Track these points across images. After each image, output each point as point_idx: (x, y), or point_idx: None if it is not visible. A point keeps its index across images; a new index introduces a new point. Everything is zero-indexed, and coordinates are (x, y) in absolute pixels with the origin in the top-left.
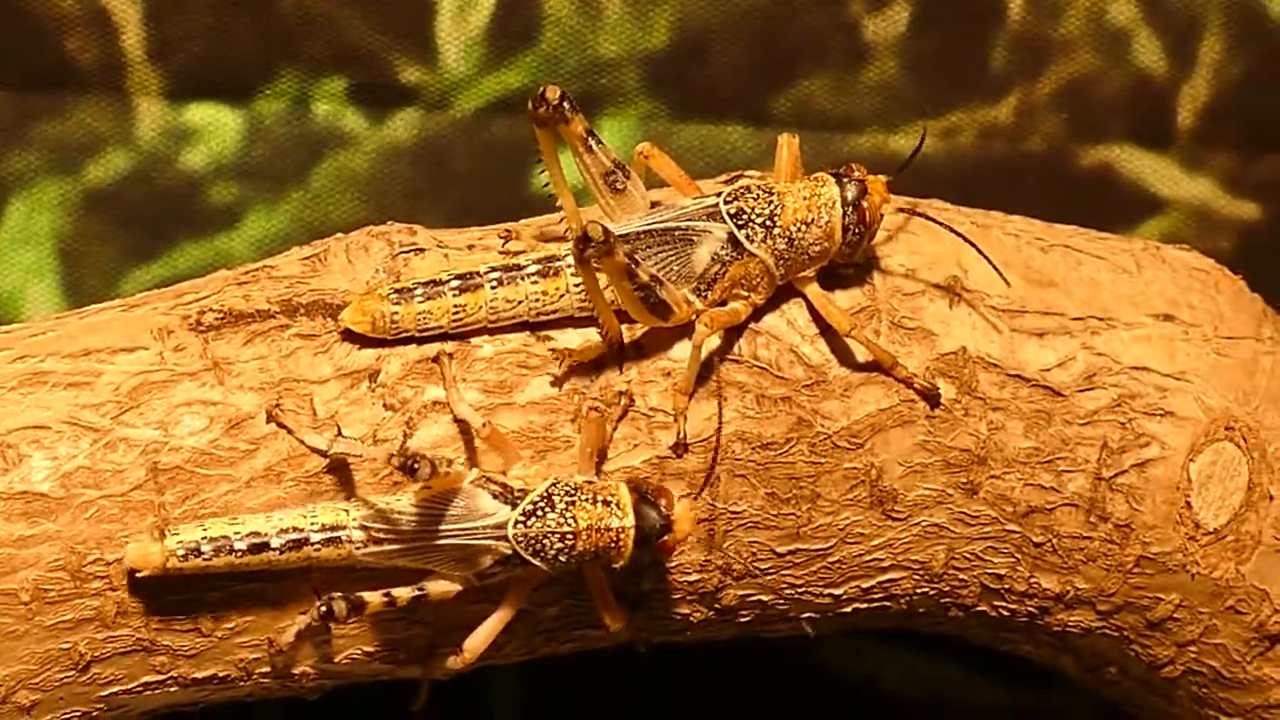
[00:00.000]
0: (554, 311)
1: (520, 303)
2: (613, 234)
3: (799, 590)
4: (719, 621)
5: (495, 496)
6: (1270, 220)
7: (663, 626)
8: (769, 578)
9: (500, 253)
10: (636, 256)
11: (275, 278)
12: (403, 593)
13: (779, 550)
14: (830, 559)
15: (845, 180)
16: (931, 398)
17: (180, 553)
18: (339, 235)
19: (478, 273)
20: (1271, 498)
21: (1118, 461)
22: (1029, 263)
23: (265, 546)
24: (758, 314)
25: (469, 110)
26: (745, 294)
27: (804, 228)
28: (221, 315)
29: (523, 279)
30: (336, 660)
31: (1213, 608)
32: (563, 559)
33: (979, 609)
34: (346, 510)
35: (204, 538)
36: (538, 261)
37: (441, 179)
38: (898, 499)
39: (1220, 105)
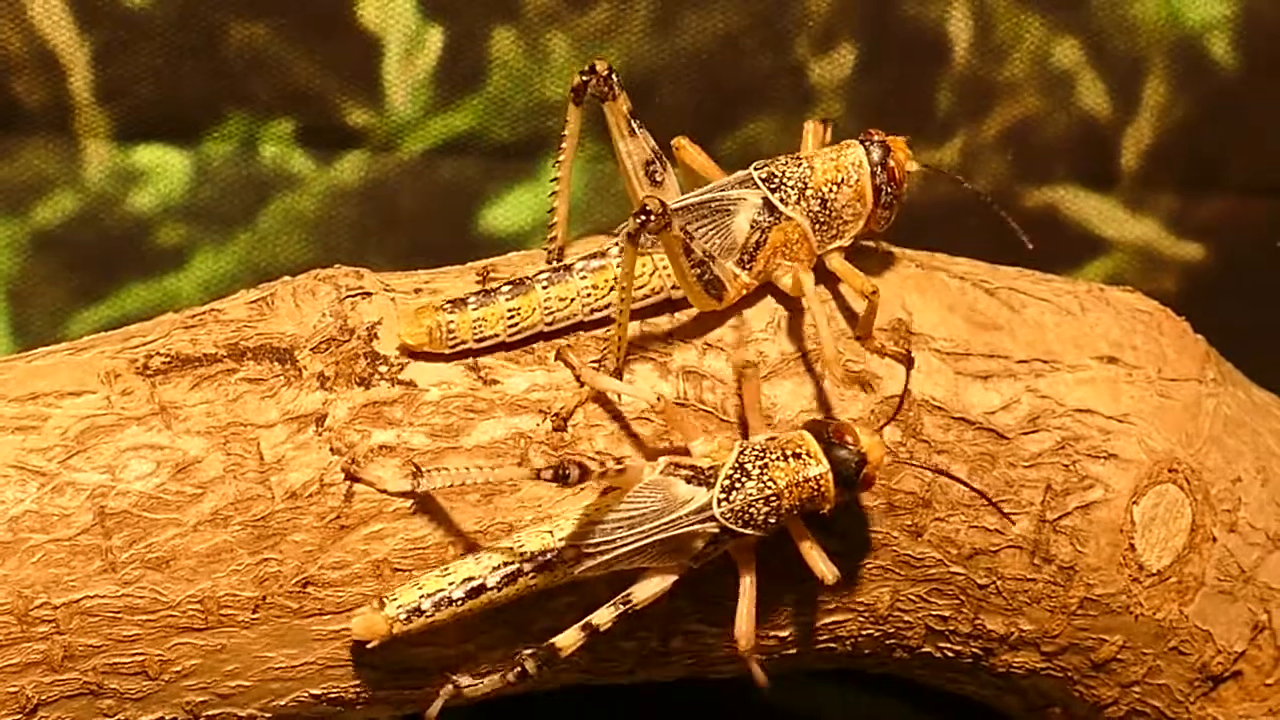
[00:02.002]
0: (605, 307)
1: (573, 300)
2: (670, 207)
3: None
4: (664, 664)
5: (689, 481)
6: (1214, 261)
7: (609, 667)
8: (718, 619)
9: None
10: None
11: (222, 321)
12: (604, 616)
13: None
14: (776, 601)
15: (868, 143)
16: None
17: (402, 616)
18: (286, 279)
19: (528, 277)
20: (1214, 539)
21: (1062, 504)
22: (974, 305)
23: (482, 589)
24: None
25: (416, 152)
26: (789, 265)
27: (835, 188)
28: (168, 359)
29: (572, 276)
30: None
31: (1156, 649)
32: (772, 520)
33: (924, 650)
34: (550, 533)
35: (421, 596)
36: (584, 258)
37: (389, 220)
38: (843, 541)
39: (1164, 147)
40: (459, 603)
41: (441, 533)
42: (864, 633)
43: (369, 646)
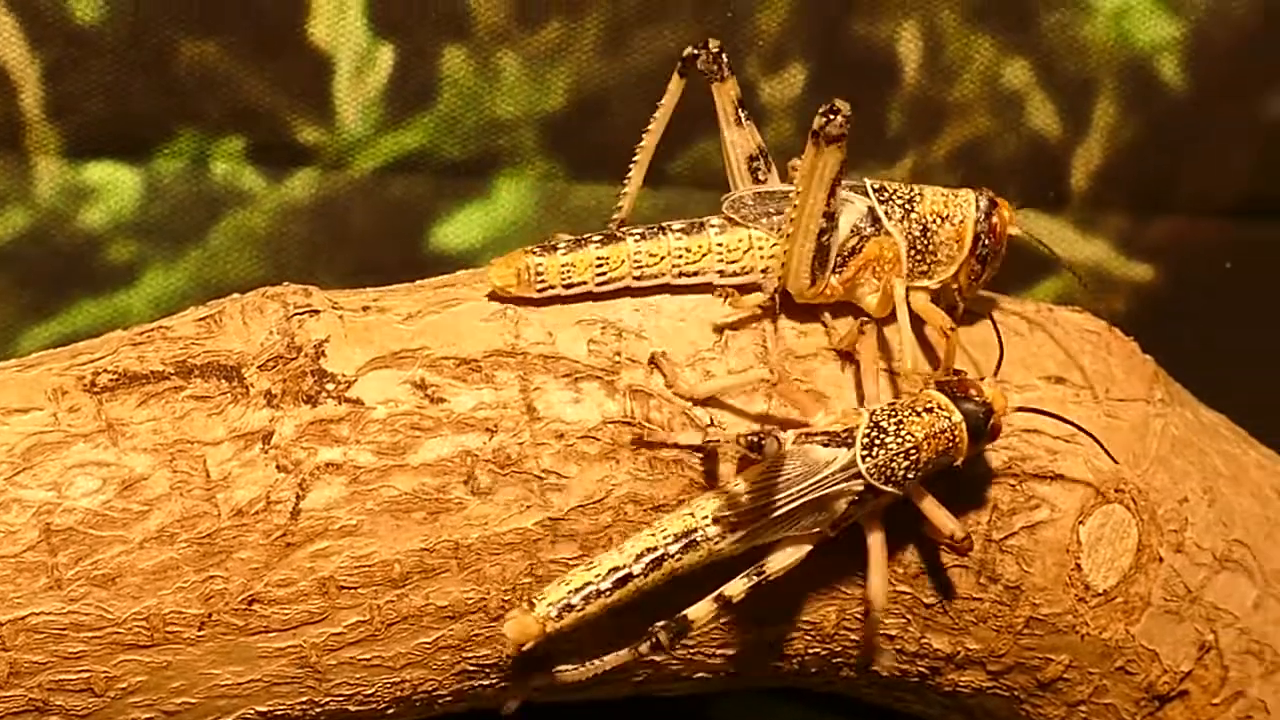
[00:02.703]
0: (695, 273)
1: (663, 258)
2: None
3: (692, 651)
4: (614, 681)
5: (826, 445)
6: (1163, 282)
7: (559, 686)
8: None
9: None
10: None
11: (170, 338)
12: (737, 587)
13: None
14: (721, 620)
15: (979, 194)
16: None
17: (554, 614)
18: (235, 296)
19: (621, 232)
20: (1161, 559)
21: (1008, 523)
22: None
23: (629, 577)
24: None
25: (367, 170)
26: (875, 284)
27: (939, 221)
28: (116, 376)
29: (666, 234)
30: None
31: (1102, 668)
32: (910, 475)
33: (871, 668)
34: (692, 514)
35: (570, 591)
36: (683, 221)
37: (339, 238)
38: None
39: (1113, 167)
40: (607, 593)
41: (388, 550)
42: (810, 651)
43: (524, 649)
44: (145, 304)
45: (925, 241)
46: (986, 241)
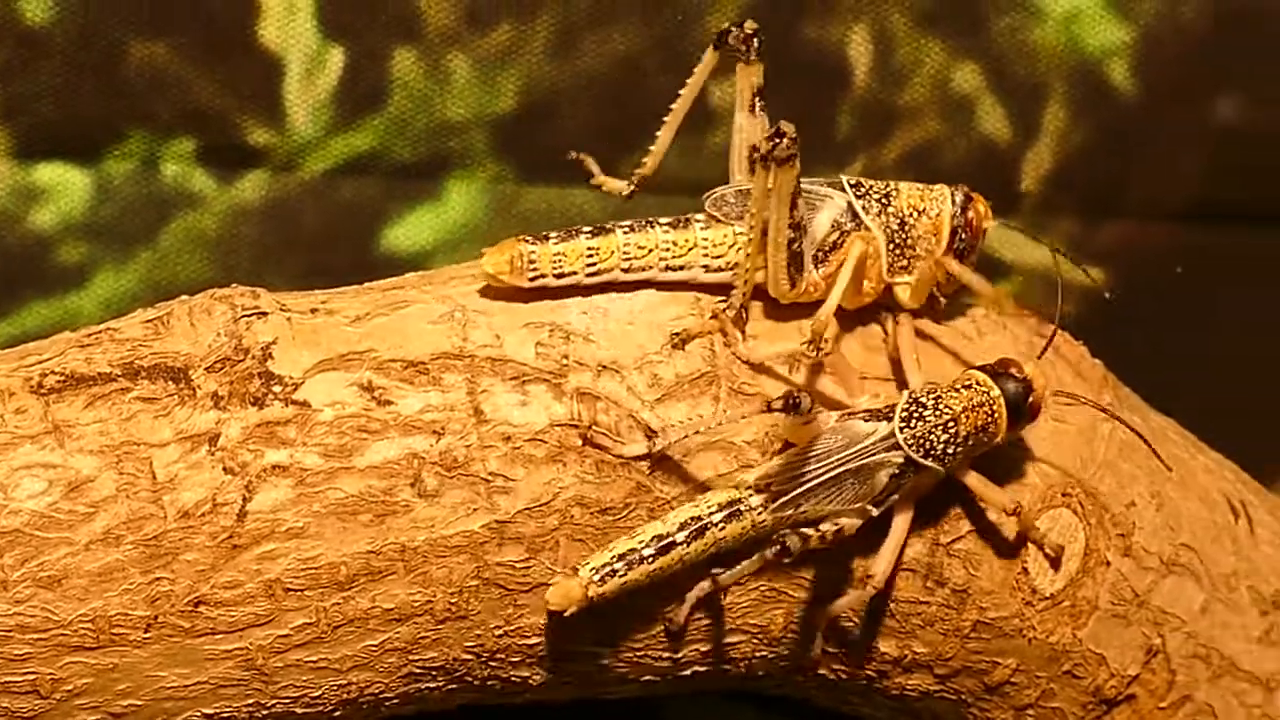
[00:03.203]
0: (681, 267)
1: (651, 250)
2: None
3: (638, 653)
4: (558, 685)
5: (866, 420)
6: (1113, 286)
7: (501, 689)
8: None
9: None
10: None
11: (118, 340)
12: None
13: None
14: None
15: (954, 189)
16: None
17: (597, 579)
18: (183, 298)
19: (610, 224)
20: (1108, 563)
21: (956, 527)
22: (869, 329)
23: (672, 544)
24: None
25: (317, 172)
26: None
27: (916, 215)
28: (63, 378)
29: (654, 227)
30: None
31: (1050, 672)
32: (950, 450)
33: (819, 672)
34: (736, 485)
35: (614, 556)
36: (670, 216)
37: (290, 240)
38: (736, 559)
39: (1063, 172)
40: (650, 560)
41: (334, 553)
42: (758, 654)
43: (566, 615)
44: (96, 305)
45: (903, 235)
46: (964, 235)
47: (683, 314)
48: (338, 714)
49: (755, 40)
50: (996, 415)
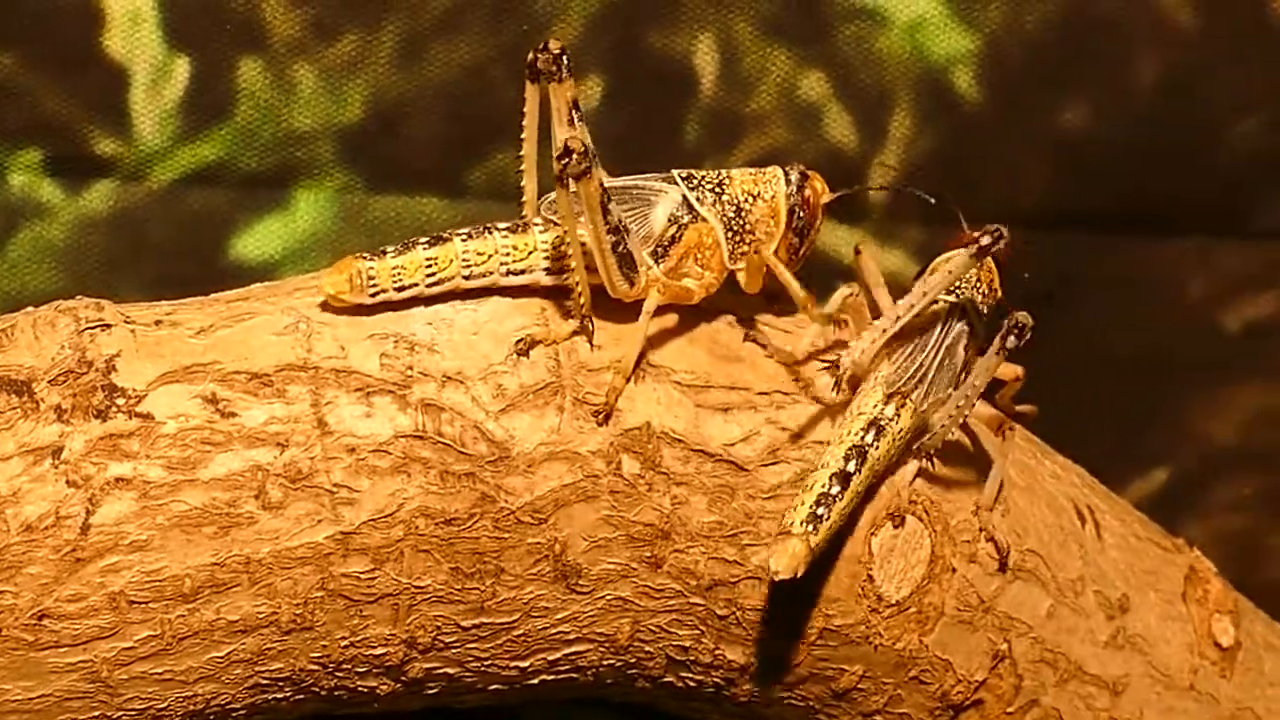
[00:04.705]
0: (522, 271)
1: (491, 256)
2: (593, 153)
3: (485, 663)
4: (406, 694)
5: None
6: None
7: (349, 699)
8: (455, 651)
9: None
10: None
11: None
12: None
13: (464, 624)
14: (515, 632)
15: (788, 168)
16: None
17: (811, 529)
18: (27, 310)
19: (448, 232)
20: (954, 570)
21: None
22: (715, 337)
23: (848, 476)
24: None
25: (165, 182)
26: (699, 271)
27: (751, 200)
28: None
29: (493, 233)
30: None
31: (896, 678)
32: (986, 302)
33: (666, 680)
34: (863, 410)
35: (813, 504)
36: (509, 221)
37: (139, 250)
38: (582, 573)
39: (911, 179)
40: (838, 496)
41: (179, 565)
42: (605, 663)
43: (799, 575)
44: None
45: (741, 221)
46: (801, 214)
47: (528, 324)
48: None
49: (564, 58)
50: (993, 270)
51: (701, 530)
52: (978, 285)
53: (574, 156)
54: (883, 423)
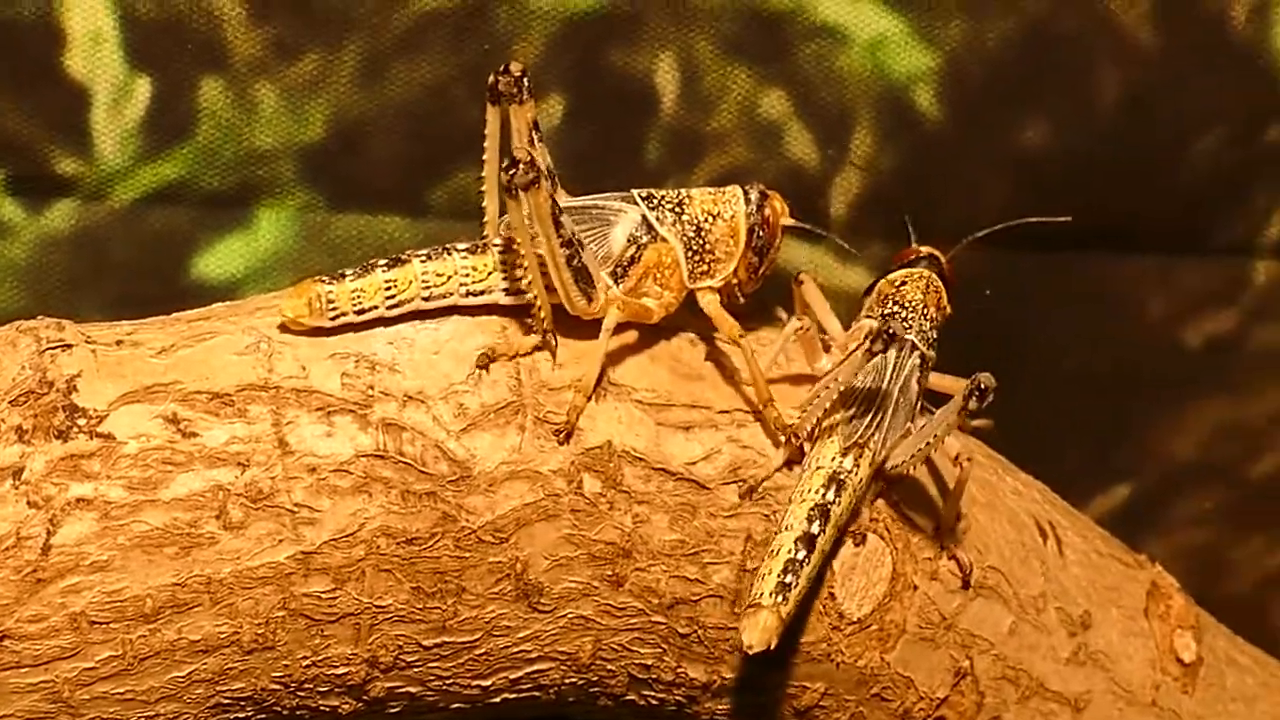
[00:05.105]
0: (482, 291)
1: (450, 277)
2: (541, 165)
3: (447, 682)
4: (368, 713)
5: (871, 352)
6: None
7: (310, 718)
8: (416, 670)
9: None
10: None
11: None
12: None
13: (425, 643)
14: (477, 651)
15: (748, 188)
16: (790, 436)
17: (781, 600)
18: None
19: (407, 253)
20: (916, 587)
21: (762, 553)
22: (677, 356)
23: (813, 538)
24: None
25: (126, 201)
26: (658, 290)
27: (711, 219)
28: None
29: (452, 254)
30: None
31: (859, 695)
32: (933, 334)
33: (628, 698)
34: (820, 465)
35: (780, 573)
36: (468, 242)
37: (100, 269)
38: (543, 592)
39: (872, 197)
40: (805, 560)
41: (140, 585)
42: (567, 681)
43: (773, 648)
44: None
45: (700, 241)
46: (761, 233)
47: (489, 343)
48: None
49: (524, 80)
50: (940, 289)
51: (663, 549)
52: (925, 311)
53: (520, 167)
54: (842, 476)
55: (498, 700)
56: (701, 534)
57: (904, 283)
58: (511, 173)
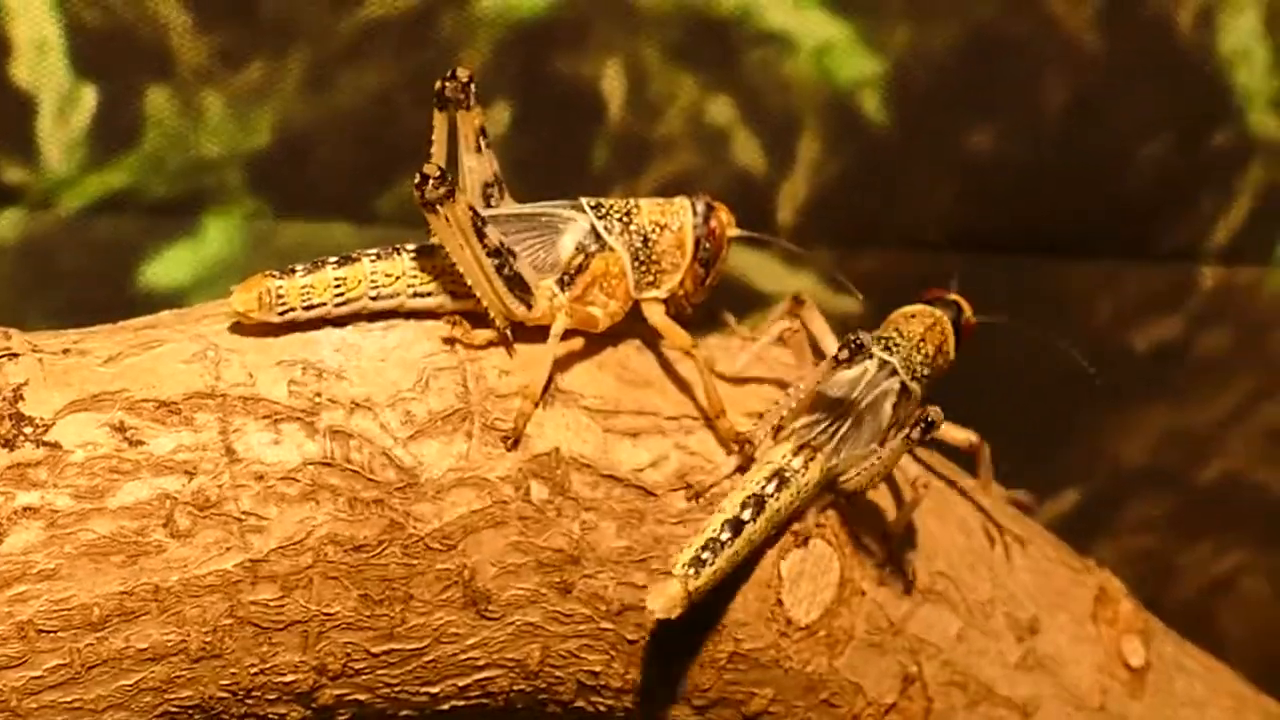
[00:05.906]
0: (429, 293)
1: (398, 278)
2: (451, 177)
3: (395, 689)
4: (316, 719)
5: (848, 366)
6: (870, 314)
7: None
8: (365, 677)
9: None
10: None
11: None
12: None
13: (374, 650)
14: (425, 658)
15: (695, 199)
16: (742, 446)
17: (692, 572)
18: None
19: (357, 252)
20: (864, 593)
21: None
22: (624, 362)
23: (741, 523)
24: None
25: (73, 209)
26: (604, 299)
27: (658, 230)
28: None
29: (401, 254)
30: None
31: (807, 701)
32: (924, 371)
33: (576, 704)
34: (771, 460)
35: (697, 549)
36: (418, 243)
37: (47, 277)
38: (491, 599)
39: (819, 203)
40: (728, 543)
41: (87, 593)
42: (516, 688)
43: (675, 617)
44: None
45: (648, 252)
46: (707, 245)
47: (436, 350)
48: None
49: (471, 86)
50: (948, 334)
51: (611, 555)
52: (921, 346)
53: (430, 181)
54: (787, 474)
55: (446, 708)
56: (649, 540)
57: (914, 315)
58: (421, 190)
